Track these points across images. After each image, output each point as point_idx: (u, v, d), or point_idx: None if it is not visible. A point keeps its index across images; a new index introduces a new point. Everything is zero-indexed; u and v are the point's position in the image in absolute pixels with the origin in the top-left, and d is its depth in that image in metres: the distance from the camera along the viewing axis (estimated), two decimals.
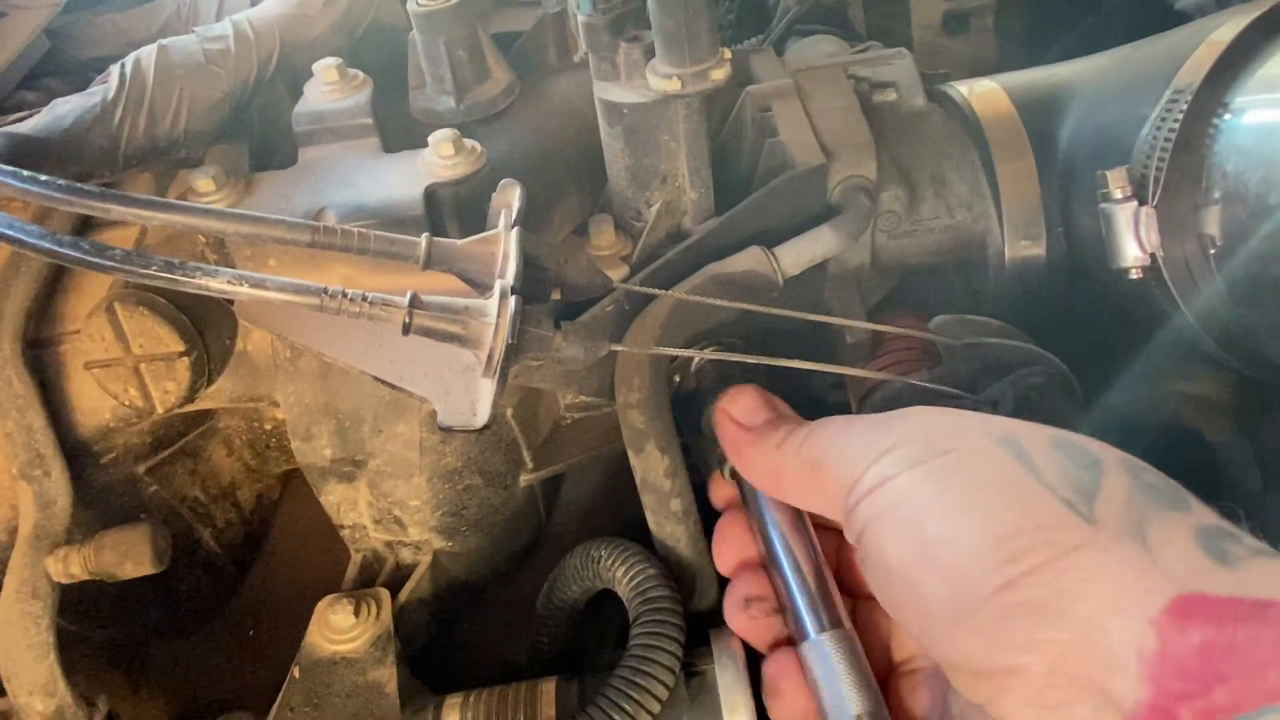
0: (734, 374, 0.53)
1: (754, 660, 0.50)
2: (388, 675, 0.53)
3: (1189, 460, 0.60)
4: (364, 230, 0.41)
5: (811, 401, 0.63)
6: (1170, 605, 0.29)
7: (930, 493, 0.35)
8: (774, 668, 0.43)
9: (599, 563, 0.54)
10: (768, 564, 0.45)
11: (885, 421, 0.39)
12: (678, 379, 0.54)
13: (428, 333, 0.39)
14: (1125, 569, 0.31)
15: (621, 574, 0.52)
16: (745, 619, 0.45)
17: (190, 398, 0.54)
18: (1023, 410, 0.52)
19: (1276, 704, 0.26)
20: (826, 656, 0.40)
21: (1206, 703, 0.27)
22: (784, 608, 0.43)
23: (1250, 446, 0.59)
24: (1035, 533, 0.32)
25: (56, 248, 0.38)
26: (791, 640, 0.43)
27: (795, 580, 0.43)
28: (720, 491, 0.50)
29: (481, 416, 0.45)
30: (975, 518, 0.34)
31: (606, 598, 0.55)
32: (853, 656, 0.40)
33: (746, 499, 0.47)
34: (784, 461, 0.42)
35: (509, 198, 0.46)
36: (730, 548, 0.47)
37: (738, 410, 0.46)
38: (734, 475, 0.48)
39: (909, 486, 0.36)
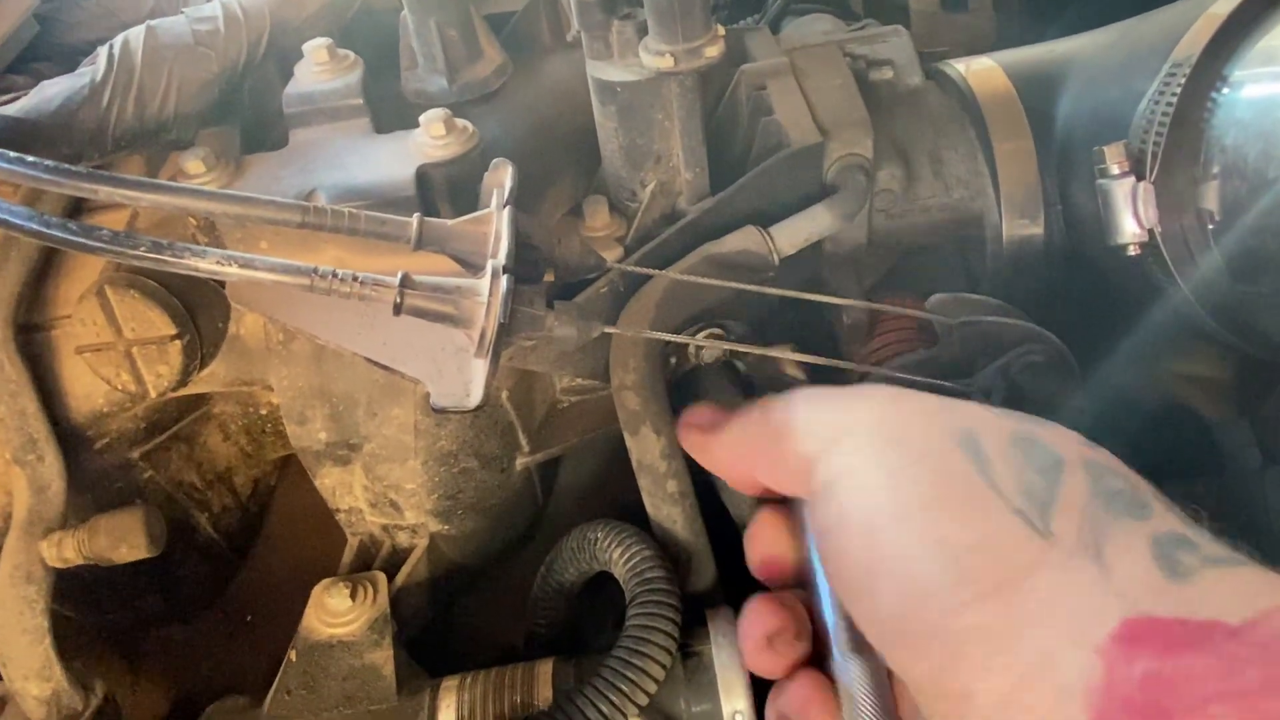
0: (732, 353, 0.53)
1: None
2: (384, 658, 0.53)
3: (1187, 439, 0.60)
4: (355, 211, 0.41)
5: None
6: (1118, 630, 0.29)
7: (885, 494, 0.34)
8: (799, 696, 0.40)
9: (595, 544, 0.53)
10: (804, 578, 0.43)
11: (846, 397, 0.38)
12: (674, 360, 0.54)
13: (420, 313, 0.39)
14: (1080, 591, 0.30)
15: (618, 555, 0.52)
16: (770, 657, 0.42)
17: (183, 381, 0.54)
18: (1016, 393, 0.52)
19: None
20: (852, 680, 0.38)
21: None
22: (816, 625, 0.41)
23: (1249, 425, 0.59)
24: (990, 551, 0.31)
25: (44, 229, 0.37)
26: (813, 662, 0.41)
27: (830, 597, 0.40)
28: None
29: (475, 397, 0.44)
30: (929, 530, 0.33)
31: (603, 580, 0.55)
32: (878, 683, 0.38)
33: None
34: (749, 437, 0.42)
35: (501, 177, 0.45)
36: (761, 545, 0.44)
37: (698, 420, 0.46)
38: None
39: (864, 482, 0.35)
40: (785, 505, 0.44)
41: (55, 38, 0.66)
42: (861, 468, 0.35)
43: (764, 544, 0.44)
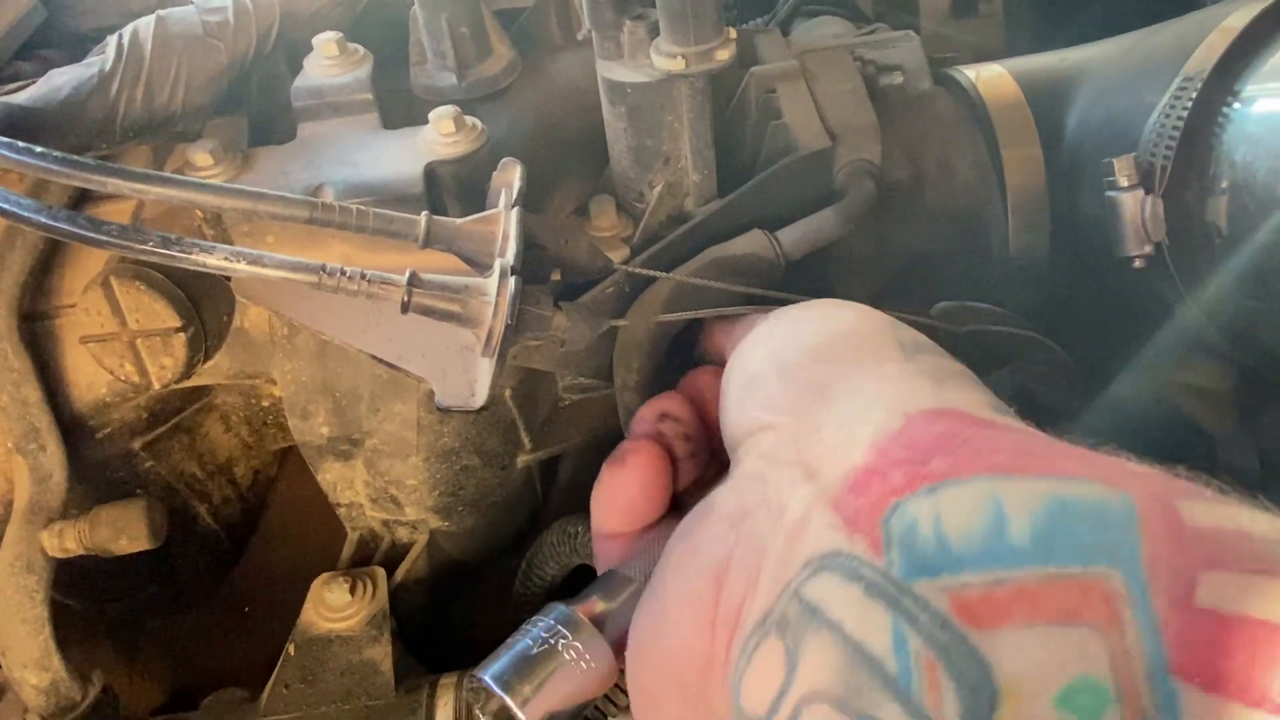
0: None
1: None
2: (383, 654, 0.53)
3: (1189, 451, 0.60)
4: (363, 208, 0.41)
5: None
6: (932, 408, 0.30)
7: (780, 322, 0.38)
8: (637, 446, 0.41)
9: (576, 538, 0.54)
10: None
11: None
12: (677, 361, 0.54)
13: (427, 311, 0.39)
14: (910, 382, 0.32)
15: None
16: (655, 428, 0.42)
17: (187, 374, 0.54)
18: (1022, 400, 0.52)
19: (995, 473, 0.26)
20: None
21: (922, 469, 0.27)
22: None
23: (1250, 438, 0.59)
24: (854, 343, 0.35)
25: (52, 222, 0.37)
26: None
27: None
28: None
29: (480, 397, 0.44)
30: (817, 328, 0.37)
31: (586, 574, 0.55)
32: None
33: None
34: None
35: (510, 177, 0.45)
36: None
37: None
38: None
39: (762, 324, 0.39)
40: None
41: (62, 24, 0.66)
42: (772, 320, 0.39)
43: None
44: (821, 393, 0.33)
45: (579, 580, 0.58)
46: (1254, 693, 0.20)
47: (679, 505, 0.42)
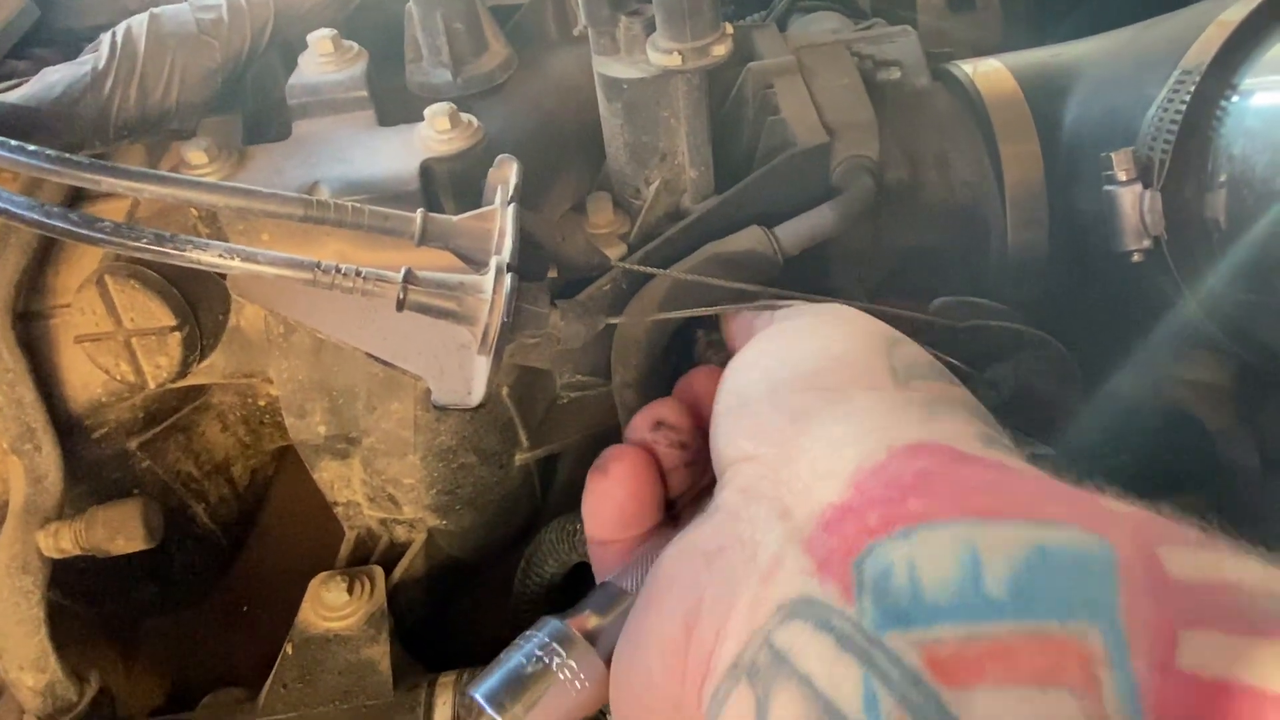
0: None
1: None
2: (381, 653, 0.53)
3: (1188, 446, 0.60)
4: (358, 205, 0.41)
5: None
6: (917, 443, 0.29)
7: (775, 340, 0.38)
8: (620, 452, 0.40)
9: (575, 536, 0.54)
10: None
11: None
12: (675, 359, 0.54)
13: (422, 309, 0.39)
14: (898, 414, 0.31)
15: None
16: (649, 437, 0.41)
17: (182, 373, 0.54)
18: (1023, 394, 0.52)
19: (973, 517, 0.25)
20: None
21: (899, 509, 0.26)
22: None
23: (1250, 432, 0.59)
24: (846, 369, 0.34)
25: (45, 219, 0.37)
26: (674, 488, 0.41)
27: None
28: None
29: (476, 395, 0.44)
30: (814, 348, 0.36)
31: (584, 570, 0.55)
32: None
33: None
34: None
35: (506, 173, 0.45)
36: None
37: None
38: None
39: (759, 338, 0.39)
40: None
41: (57, 23, 0.66)
42: (769, 334, 0.39)
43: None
44: (806, 421, 0.32)
45: (578, 578, 0.58)
46: None
47: (677, 512, 0.42)
